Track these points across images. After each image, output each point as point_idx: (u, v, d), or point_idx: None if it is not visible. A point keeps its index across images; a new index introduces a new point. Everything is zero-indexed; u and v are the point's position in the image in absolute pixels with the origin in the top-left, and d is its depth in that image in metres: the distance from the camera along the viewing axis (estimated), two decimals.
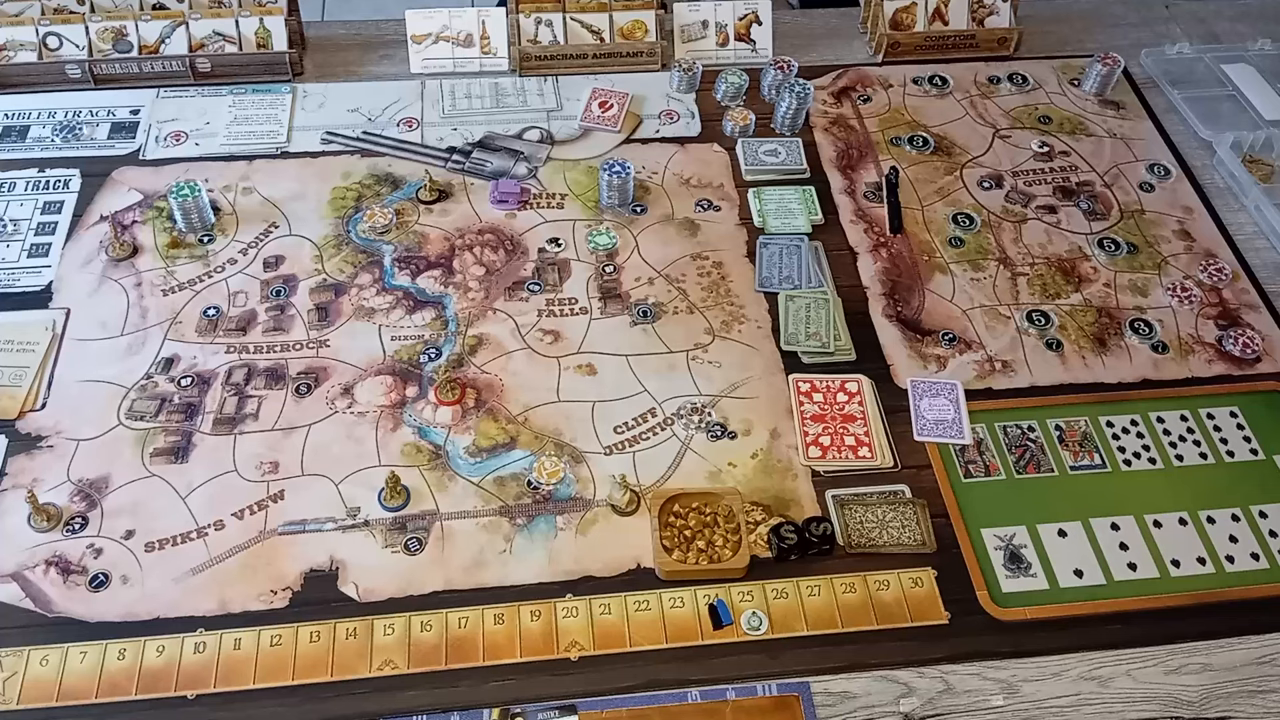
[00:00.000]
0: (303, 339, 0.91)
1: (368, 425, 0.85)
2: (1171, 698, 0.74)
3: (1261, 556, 0.81)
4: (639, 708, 0.71)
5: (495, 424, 0.86)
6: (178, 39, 1.11)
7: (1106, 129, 1.14)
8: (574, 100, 1.13)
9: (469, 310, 0.94)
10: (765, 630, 0.75)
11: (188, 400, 0.86)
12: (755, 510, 0.81)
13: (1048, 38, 1.25)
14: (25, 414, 0.85)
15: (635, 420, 0.87)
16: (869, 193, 1.06)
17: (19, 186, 1.02)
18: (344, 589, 0.76)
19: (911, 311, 0.96)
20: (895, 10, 1.19)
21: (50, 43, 1.10)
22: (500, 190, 1.03)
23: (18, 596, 0.75)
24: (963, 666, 0.75)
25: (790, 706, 0.72)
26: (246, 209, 1.01)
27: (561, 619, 0.75)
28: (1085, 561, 0.80)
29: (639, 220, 1.02)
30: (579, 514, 0.81)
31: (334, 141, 1.08)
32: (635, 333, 0.93)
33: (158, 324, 0.91)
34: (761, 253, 0.99)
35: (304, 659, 0.72)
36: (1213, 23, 1.30)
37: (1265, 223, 1.05)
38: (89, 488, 0.80)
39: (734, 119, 1.10)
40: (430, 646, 0.73)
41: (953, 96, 1.17)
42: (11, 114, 1.08)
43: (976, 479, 0.84)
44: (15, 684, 0.70)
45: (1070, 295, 0.98)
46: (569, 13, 1.15)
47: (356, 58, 1.18)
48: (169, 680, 0.71)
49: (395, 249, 0.98)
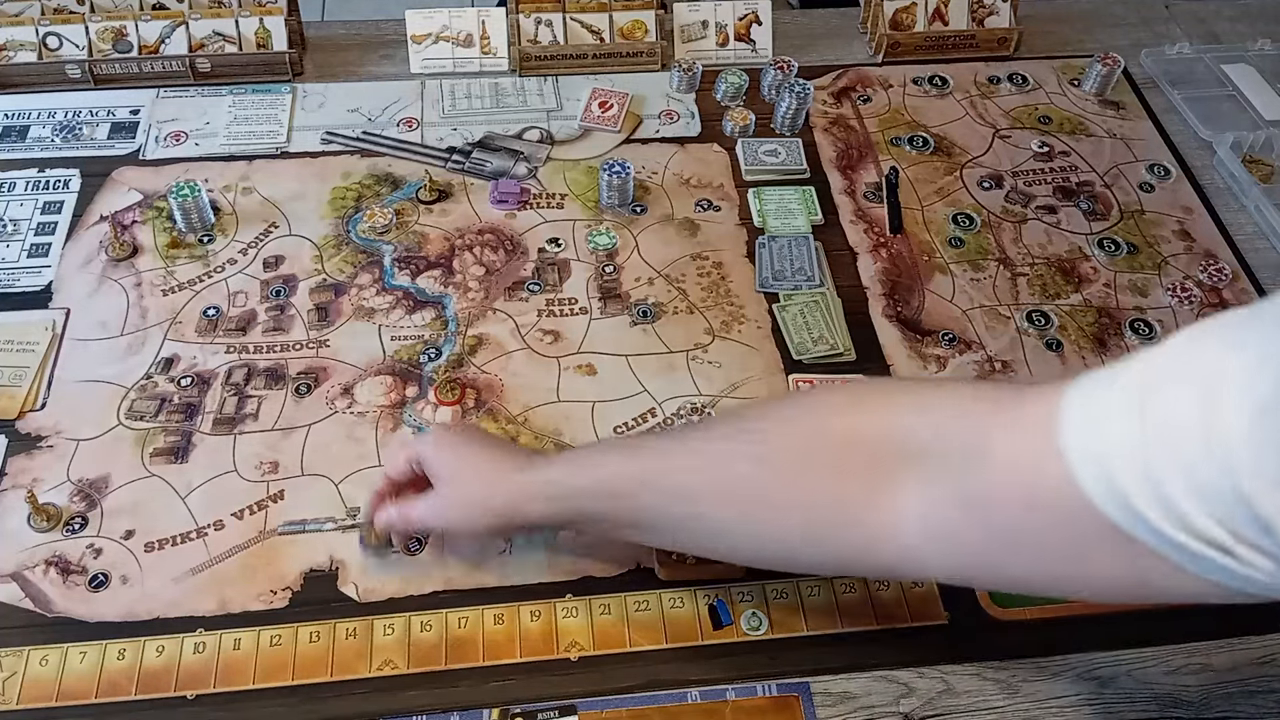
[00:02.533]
0: (303, 339, 0.91)
1: (368, 425, 0.85)
2: (1171, 698, 0.74)
3: None
4: (639, 708, 0.71)
5: (495, 424, 0.86)
6: (178, 39, 1.11)
7: (1106, 129, 1.14)
8: (574, 100, 1.13)
9: (469, 310, 0.94)
10: (765, 630, 0.75)
11: (188, 400, 0.86)
12: None
13: (1048, 38, 1.25)
14: (25, 414, 0.85)
15: (635, 420, 0.87)
16: (869, 193, 1.06)
17: (19, 186, 1.02)
18: (344, 589, 0.76)
19: (911, 311, 0.96)
20: (895, 10, 1.19)
21: (50, 43, 1.10)
22: (500, 190, 1.03)
23: (17, 596, 0.75)
24: (963, 666, 0.75)
25: (790, 706, 0.72)
26: (246, 209, 1.01)
27: (561, 619, 0.75)
28: None
29: (639, 220, 1.02)
30: None
31: (334, 141, 1.08)
32: (635, 333, 0.93)
33: (158, 324, 0.91)
34: (761, 252, 0.99)
35: (304, 659, 0.72)
36: (1213, 23, 1.30)
37: (1265, 223, 1.05)
38: (89, 488, 0.80)
39: (734, 119, 1.10)
40: (430, 646, 0.73)
41: (953, 96, 1.17)
42: (11, 114, 1.08)
43: None
44: (15, 684, 0.70)
45: (1070, 295, 0.98)
46: (569, 13, 1.15)
47: (356, 58, 1.18)
48: (169, 680, 0.71)
49: (395, 249, 0.98)
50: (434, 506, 0.70)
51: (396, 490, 0.74)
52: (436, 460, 0.70)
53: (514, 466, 0.69)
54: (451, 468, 0.70)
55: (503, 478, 0.69)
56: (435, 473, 0.70)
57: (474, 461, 0.70)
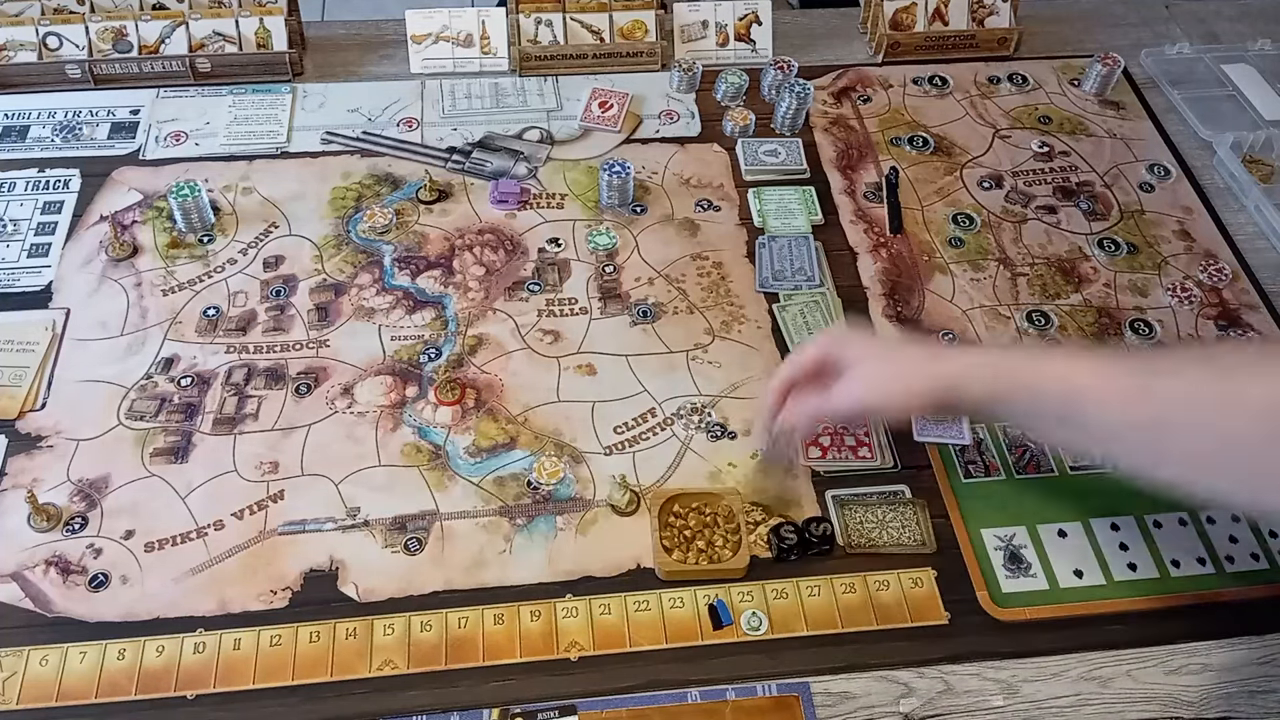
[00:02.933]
0: (303, 339, 0.91)
1: (368, 425, 0.85)
2: (1171, 698, 0.74)
3: (1261, 556, 0.81)
4: (639, 708, 0.71)
5: (495, 424, 0.86)
6: (178, 39, 1.11)
7: (1106, 129, 1.14)
8: (574, 100, 1.13)
9: (469, 310, 0.94)
10: (765, 630, 0.75)
11: (188, 400, 0.86)
12: (755, 510, 0.81)
13: (1048, 38, 1.25)
14: (25, 414, 0.85)
15: (635, 420, 0.87)
16: (869, 193, 1.06)
17: (19, 186, 1.02)
18: (344, 589, 0.76)
19: (911, 312, 0.96)
20: (895, 10, 1.19)
21: (50, 43, 1.10)
22: (500, 190, 1.03)
23: (17, 596, 0.75)
24: (963, 667, 0.75)
25: (790, 707, 0.72)
26: (246, 209, 1.01)
27: (561, 619, 0.75)
28: (1085, 561, 0.80)
29: (639, 220, 1.02)
30: (579, 514, 0.81)
31: (334, 141, 1.08)
32: (635, 333, 0.93)
33: (157, 324, 0.91)
34: (761, 253, 0.99)
35: (304, 659, 0.73)
36: (1213, 23, 1.30)
37: (1265, 223, 1.05)
38: (89, 488, 0.80)
39: (734, 119, 1.10)
40: (430, 646, 0.73)
41: (953, 97, 1.17)
42: (11, 114, 1.08)
43: (976, 479, 0.84)
44: (15, 684, 0.70)
45: (1070, 295, 0.98)
46: (569, 13, 1.15)
47: (356, 58, 1.18)
48: (169, 680, 0.71)
49: (395, 249, 0.98)
50: (851, 390, 0.73)
51: (784, 399, 0.78)
52: (854, 348, 0.75)
53: (937, 353, 0.77)
54: (872, 353, 0.75)
55: (937, 359, 0.74)
56: (855, 357, 0.74)
57: (891, 348, 0.79)
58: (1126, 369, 0.66)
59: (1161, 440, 0.64)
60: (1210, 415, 0.61)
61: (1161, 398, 0.64)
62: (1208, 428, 0.61)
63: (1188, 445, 0.62)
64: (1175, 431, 0.63)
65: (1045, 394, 0.67)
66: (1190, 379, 0.64)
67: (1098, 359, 0.68)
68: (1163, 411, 0.63)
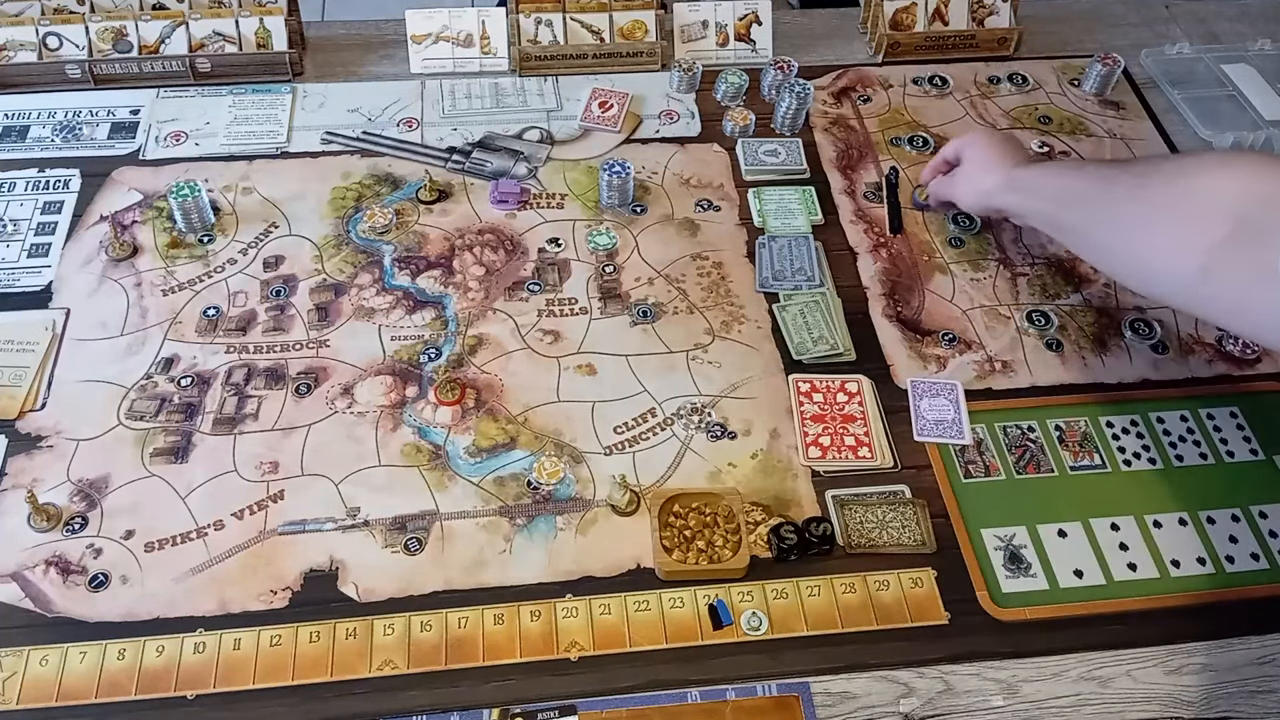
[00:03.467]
0: (303, 339, 0.91)
1: (368, 425, 0.85)
2: (1172, 698, 0.74)
3: (1261, 557, 0.81)
4: (639, 708, 0.71)
5: (495, 424, 0.86)
6: (178, 39, 1.11)
7: (1106, 129, 1.14)
8: (574, 100, 1.13)
9: (469, 310, 0.94)
10: (765, 630, 0.75)
11: (188, 400, 0.86)
12: (755, 510, 0.81)
13: (1048, 38, 1.25)
14: (25, 414, 0.85)
15: (635, 420, 0.87)
16: (869, 193, 1.06)
17: (19, 186, 1.02)
18: (344, 589, 0.76)
19: (911, 311, 0.96)
20: (895, 10, 1.19)
21: (50, 43, 1.10)
22: (500, 190, 1.03)
23: (17, 596, 0.75)
24: (963, 667, 0.75)
25: (790, 707, 0.72)
26: (246, 209, 1.01)
27: (561, 619, 0.75)
28: (1085, 562, 0.80)
29: (639, 220, 1.02)
30: (579, 514, 0.81)
31: (334, 141, 1.08)
32: (635, 333, 0.93)
33: (157, 324, 0.91)
34: (761, 253, 0.99)
35: (304, 659, 0.73)
36: (1213, 23, 1.30)
37: None
38: (89, 488, 0.80)
39: (734, 119, 1.10)
40: (430, 646, 0.73)
41: (953, 97, 1.17)
42: (11, 114, 1.08)
43: (976, 479, 0.84)
44: (15, 684, 0.70)
45: (1070, 295, 0.98)
46: (569, 13, 1.15)
47: (356, 58, 1.18)
48: (169, 680, 0.71)
49: (395, 249, 0.98)
50: (950, 181, 0.97)
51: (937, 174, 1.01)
52: (963, 150, 0.96)
53: (1013, 162, 0.91)
54: (968, 155, 0.95)
55: (995, 169, 0.91)
56: (960, 157, 0.97)
57: (985, 153, 0.93)
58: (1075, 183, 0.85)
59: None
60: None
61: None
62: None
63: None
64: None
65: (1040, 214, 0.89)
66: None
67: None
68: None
